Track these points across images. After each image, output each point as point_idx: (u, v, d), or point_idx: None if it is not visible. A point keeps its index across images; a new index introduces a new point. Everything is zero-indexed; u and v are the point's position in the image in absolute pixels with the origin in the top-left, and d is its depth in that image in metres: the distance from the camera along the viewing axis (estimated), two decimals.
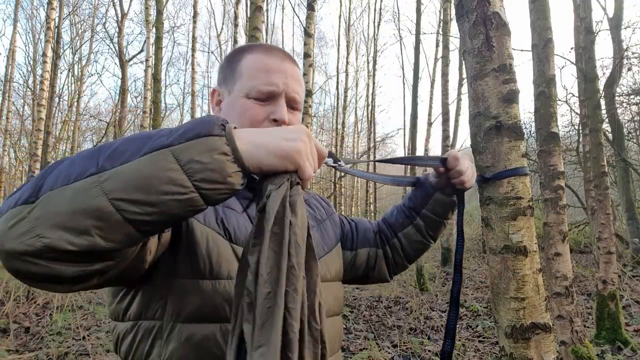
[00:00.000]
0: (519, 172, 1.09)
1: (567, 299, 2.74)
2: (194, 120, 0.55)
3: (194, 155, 0.51)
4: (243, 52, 0.87)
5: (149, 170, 0.49)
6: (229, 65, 0.88)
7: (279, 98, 0.83)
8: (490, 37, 1.12)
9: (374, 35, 15.49)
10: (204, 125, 0.53)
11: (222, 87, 0.88)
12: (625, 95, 8.91)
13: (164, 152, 0.50)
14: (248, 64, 0.84)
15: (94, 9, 16.05)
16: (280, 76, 0.83)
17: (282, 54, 0.87)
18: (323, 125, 20.45)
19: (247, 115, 0.81)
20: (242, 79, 0.83)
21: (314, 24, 5.69)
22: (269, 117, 0.82)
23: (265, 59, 0.84)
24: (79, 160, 0.51)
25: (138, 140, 0.52)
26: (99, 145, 0.54)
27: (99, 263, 0.52)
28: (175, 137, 0.52)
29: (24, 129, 15.11)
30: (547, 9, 2.93)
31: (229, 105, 0.85)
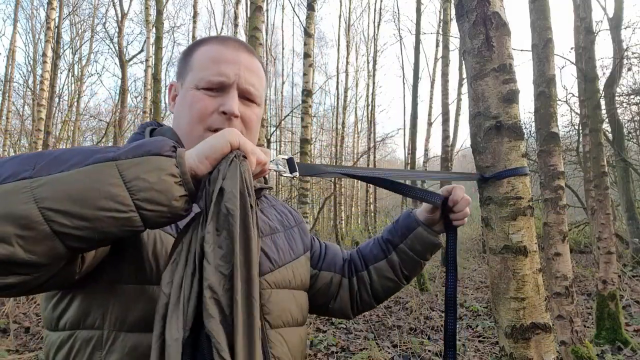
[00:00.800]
0: (519, 172, 1.09)
1: (567, 299, 2.74)
2: (145, 139, 0.54)
3: (140, 173, 0.48)
4: (198, 45, 0.83)
5: (89, 182, 0.46)
6: (184, 59, 0.84)
7: (230, 89, 0.78)
8: (490, 37, 1.12)
9: (374, 35, 15.50)
10: (155, 144, 0.52)
11: (178, 82, 0.84)
12: (625, 95, 8.91)
13: (108, 165, 0.47)
14: (200, 55, 0.81)
15: (94, 9, 16.05)
16: (233, 67, 0.78)
17: (236, 44, 0.82)
18: (323, 125, 20.44)
19: (195, 107, 0.77)
20: (193, 70, 0.80)
21: (314, 24, 5.69)
22: (218, 109, 0.77)
23: (218, 49, 0.80)
24: (14, 161, 0.47)
25: (84, 152, 0.49)
26: (41, 151, 0.50)
27: (14, 276, 0.46)
28: (123, 152, 0.49)
29: (24, 129, 15.10)
30: (547, 9, 2.93)
31: (180, 99, 0.81)
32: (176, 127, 0.81)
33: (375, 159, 14.98)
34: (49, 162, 0.47)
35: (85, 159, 0.48)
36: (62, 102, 16.10)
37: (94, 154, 0.49)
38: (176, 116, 0.82)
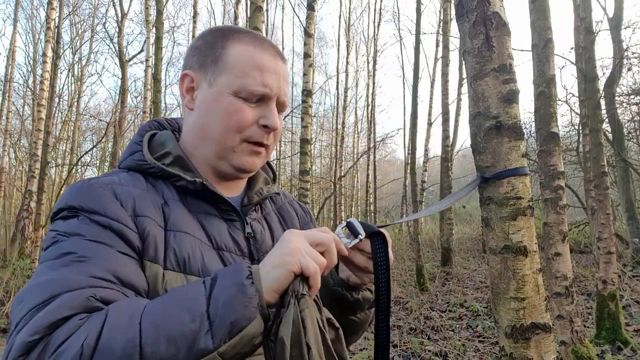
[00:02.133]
0: (519, 172, 1.09)
1: (567, 299, 2.74)
2: (232, 294, 0.52)
3: (238, 349, 0.52)
4: (228, 38, 0.76)
5: None
6: (210, 50, 0.76)
7: (270, 102, 0.75)
8: (490, 37, 1.12)
9: (374, 35, 15.49)
10: (246, 311, 0.52)
11: (199, 74, 0.76)
12: (625, 95, 8.91)
13: (212, 358, 0.50)
14: (238, 55, 0.74)
15: (94, 9, 16.04)
16: (275, 77, 0.75)
17: (274, 51, 0.78)
18: (323, 125, 20.45)
19: (234, 117, 0.73)
20: (230, 72, 0.73)
21: (314, 24, 5.69)
22: (258, 121, 0.74)
23: (258, 54, 0.75)
24: (119, 334, 0.48)
25: (178, 335, 0.49)
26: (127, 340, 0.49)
27: None
28: (220, 335, 0.50)
29: (24, 129, 15.10)
30: (547, 9, 2.94)
31: (210, 100, 0.75)
32: (199, 129, 0.76)
33: (375, 159, 14.98)
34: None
35: (188, 352, 0.49)
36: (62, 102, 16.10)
37: (189, 335, 0.49)
38: (200, 117, 0.76)
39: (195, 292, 0.53)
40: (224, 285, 0.53)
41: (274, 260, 0.57)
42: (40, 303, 0.50)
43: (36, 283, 0.54)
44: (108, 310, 0.51)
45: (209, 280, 0.55)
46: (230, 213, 0.76)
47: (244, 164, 0.76)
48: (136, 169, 0.74)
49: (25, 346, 0.47)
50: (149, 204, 0.68)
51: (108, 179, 0.69)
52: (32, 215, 7.15)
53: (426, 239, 11.93)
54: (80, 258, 0.57)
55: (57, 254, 0.58)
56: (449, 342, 3.98)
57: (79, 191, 0.66)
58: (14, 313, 0.52)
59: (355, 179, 19.32)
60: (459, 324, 4.69)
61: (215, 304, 0.51)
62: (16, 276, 6.07)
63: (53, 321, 0.49)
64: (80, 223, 0.62)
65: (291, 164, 19.51)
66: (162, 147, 0.76)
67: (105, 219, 0.62)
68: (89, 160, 16.86)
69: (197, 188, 0.72)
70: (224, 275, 0.55)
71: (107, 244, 0.61)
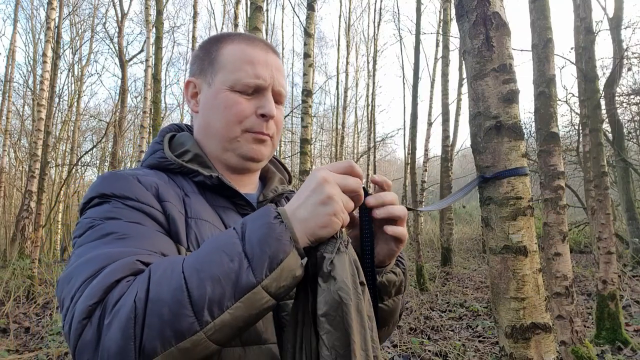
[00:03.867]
0: (519, 172, 1.09)
1: (567, 299, 2.74)
2: (264, 231, 0.55)
3: (281, 283, 0.55)
4: (221, 42, 0.82)
5: (250, 312, 0.53)
6: (207, 55, 0.82)
7: (266, 92, 0.80)
8: (490, 37, 1.12)
9: (374, 35, 15.49)
10: (280, 245, 0.55)
11: (200, 79, 0.83)
12: (625, 95, 8.91)
13: (257, 292, 0.53)
14: (230, 54, 0.80)
15: (94, 9, 16.05)
16: (267, 68, 0.79)
17: (264, 45, 0.82)
18: (323, 125, 20.44)
19: (233, 110, 0.78)
20: (224, 70, 0.79)
21: (314, 24, 5.69)
22: (256, 111, 0.79)
23: (248, 49, 0.80)
24: (172, 307, 0.50)
25: (221, 275, 0.52)
26: (175, 277, 0.52)
27: None
28: (260, 267, 0.53)
29: (24, 129, 15.11)
30: (547, 8, 2.94)
31: (210, 99, 0.80)
32: (205, 128, 0.82)
33: (375, 159, 14.98)
34: (206, 305, 0.51)
35: (229, 286, 0.52)
36: (62, 102, 16.12)
37: (231, 271, 0.52)
38: (204, 116, 0.81)
39: (229, 237, 0.56)
40: (254, 227, 0.56)
41: (309, 208, 0.58)
42: (91, 275, 0.54)
43: (84, 260, 0.57)
44: (150, 268, 0.54)
45: (238, 225, 0.58)
46: (245, 207, 0.80)
47: (249, 151, 0.80)
48: (157, 166, 0.78)
49: (86, 310, 0.51)
50: (171, 193, 0.72)
51: (132, 171, 0.74)
52: (32, 215, 7.14)
53: (426, 239, 11.93)
54: (121, 236, 0.61)
55: (98, 235, 0.61)
56: (449, 342, 3.98)
57: (109, 180, 0.69)
58: (65, 290, 0.56)
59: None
60: (459, 324, 4.69)
61: (250, 242, 0.54)
62: (16, 276, 6.07)
63: (107, 285, 0.52)
64: (114, 207, 0.66)
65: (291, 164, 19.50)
66: (182, 146, 0.81)
67: (137, 203, 0.67)
68: (89, 160, 16.88)
69: (213, 182, 0.76)
70: (252, 219, 0.58)
71: (143, 223, 0.65)
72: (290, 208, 0.59)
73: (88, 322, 0.50)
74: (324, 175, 0.59)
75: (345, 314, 0.55)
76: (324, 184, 0.59)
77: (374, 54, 15.22)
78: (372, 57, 15.47)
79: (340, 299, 0.55)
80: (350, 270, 0.58)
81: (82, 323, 0.50)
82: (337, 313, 0.55)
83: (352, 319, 0.55)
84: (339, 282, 0.56)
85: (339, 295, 0.55)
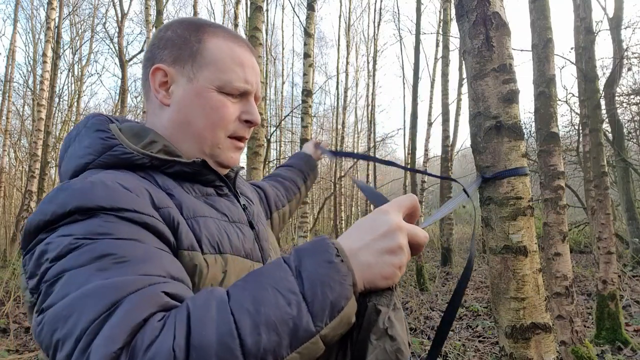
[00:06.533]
0: (519, 172, 1.09)
1: (567, 299, 2.74)
2: (326, 272, 0.48)
3: (337, 331, 0.48)
4: (203, 32, 0.75)
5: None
6: (185, 44, 0.74)
7: (250, 97, 0.77)
8: (490, 37, 1.12)
9: (374, 35, 15.48)
10: (343, 290, 0.48)
11: (174, 69, 0.73)
12: (625, 95, 8.91)
13: (315, 342, 0.46)
14: (218, 50, 0.73)
15: (94, 9, 16.05)
16: (254, 74, 0.76)
17: (247, 45, 0.78)
18: (323, 125, 20.45)
19: (220, 113, 0.73)
20: (212, 68, 0.72)
21: (314, 24, 5.69)
22: (240, 116, 0.75)
23: (237, 49, 0.75)
24: (220, 356, 0.42)
25: (277, 320, 0.44)
26: (229, 326, 0.43)
27: None
28: (321, 317, 0.46)
29: (24, 129, 15.11)
30: (547, 8, 2.94)
31: (191, 95, 0.72)
32: (181, 125, 0.74)
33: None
34: (257, 356, 0.43)
35: (290, 338, 0.44)
36: (62, 102, 16.12)
37: (289, 319, 0.45)
38: (180, 112, 0.73)
39: (282, 273, 0.48)
40: (312, 263, 0.48)
41: (375, 254, 0.52)
42: (104, 311, 0.43)
43: (82, 293, 0.45)
44: (188, 304, 0.45)
45: (290, 259, 0.50)
46: (224, 189, 0.78)
47: (228, 160, 0.77)
48: (119, 164, 0.65)
49: (109, 357, 0.40)
50: (161, 195, 0.63)
51: (103, 176, 0.59)
52: None
53: None
54: (121, 259, 0.49)
55: (87, 258, 0.48)
56: (449, 342, 3.98)
57: (89, 190, 0.55)
58: (61, 331, 0.44)
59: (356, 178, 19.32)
60: (459, 324, 4.69)
61: (310, 283, 0.47)
62: (16, 276, 6.07)
63: (133, 325, 0.42)
64: (104, 222, 0.52)
65: None
66: (141, 138, 0.69)
67: (135, 214, 0.55)
68: None
69: (195, 169, 0.71)
70: (309, 253, 0.50)
71: (143, 241, 0.54)
72: (350, 247, 0.52)
73: None
74: (397, 222, 0.53)
75: None
76: (397, 231, 0.53)
77: (374, 54, 15.22)
78: (372, 57, 15.47)
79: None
80: (406, 329, 0.53)
81: None
82: None
83: None
84: (399, 343, 0.50)
85: (396, 358, 0.50)
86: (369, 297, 0.52)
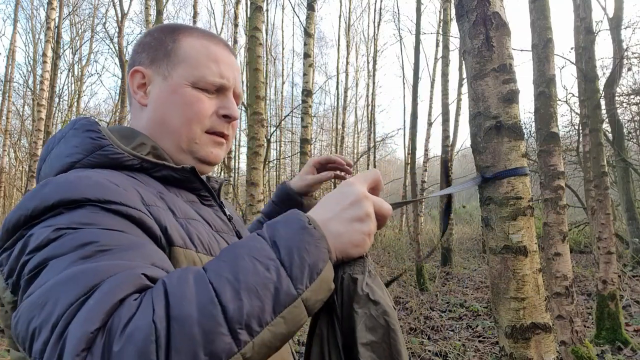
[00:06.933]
0: (519, 172, 1.09)
1: (567, 299, 2.74)
2: (302, 237, 0.49)
3: (318, 296, 0.49)
4: (178, 33, 0.76)
5: (290, 329, 0.46)
6: (160, 45, 0.75)
7: (228, 93, 0.76)
8: (490, 37, 1.12)
9: (374, 35, 15.49)
10: (320, 252, 0.49)
11: (150, 69, 0.75)
12: (625, 95, 8.91)
13: (298, 305, 0.46)
14: (192, 48, 0.74)
15: (94, 9, 16.06)
16: (230, 69, 0.76)
17: (225, 44, 0.79)
18: (323, 125, 20.46)
19: (194, 108, 0.72)
20: (185, 64, 0.73)
21: (314, 24, 5.69)
22: (217, 111, 0.75)
23: (212, 46, 0.76)
24: (204, 326, 0.41)
25: (258, 286, 0.45)
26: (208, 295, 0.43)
27: None
28: (301, 280, 0.47)
29: (24, 129, 15.12)
30: (547, 8, 2.94)
31: (166, 93, 0.73)
32: (158, 124, 0.74)
33: (375, 159, 14.98)
34: (244, 321, 0.43)
35: (269, 298, 0.45)
36: (62, 102, 16.13)
37: (269, 282, 0.45)
38: (157, 111, 0.74)
39: (257, 243, 0.49)
40: (287, 231, 0.49)
41: (345, 223, 0.53)
42: (82, 295, 0.42)
43: (61, 279, 0.44)
44: (164, 280, 0.44)
45: (263, 231, 0.51)
46: (209, 198, 0.77)
47: (208, 155, 0.76)
48: (108, 164, 0.64)
49: (85, 339, 0.39)
50: (150, 194, 0.62)
51: (87, 173, 0.59)
52: None
53: (426, 239, 11.92)
54: (105, 246, 0.48)
55: (71, 246, 0.47)
56: (449, 342, 3.98)
57: (74, 184, 0.54)
58: (37, 319, 0.42)
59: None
60: (459, 324, 4.69)
61: (286, 249, 0.47)
62: None
63: (109, 306, 0.41)
64: (90, 212, 0.51)
65: (291, 164, 19.51)
66: (131, 140, 0.70)
67: (122, 207, 0.54)
68: None
69: (183, 176, 0.70)
70: (283, 223, 0.51)
71: (128, 232, 0.52)
72: (320, 217, 0.53)
73: (88, 354, 0.39)
74: (363, 191, 0.55)
75: (394, 340, 0.50)
76: (364, 200, 0.55)
77: (374, 54, 15.23)
78: (372, 57, 15.48)
79: (388, 325, 0.50)
80: (391, 300, 0.54)
81: (81, 356, 0.38)
82: (383, 340, 0.50)
83: (401, 346, 0.50)
84: (383, 305, 0.51)
85: (385, 321, 0.50)
86: (342, 269, 0.53)
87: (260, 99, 4.06)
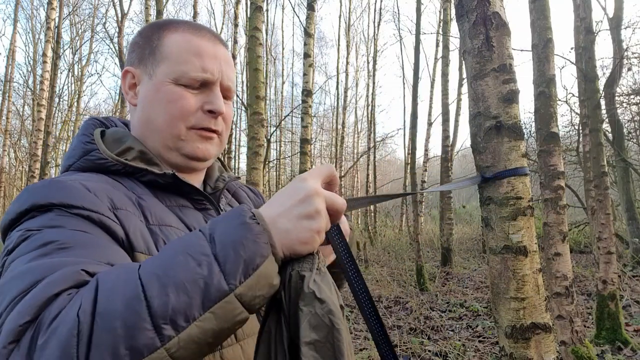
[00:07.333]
0: (519, 172, 1.09)
1: (567, 299, 2.74)
2: (239, 232, 0.48)
3: (256, 292, 0.47)
4: (164, 29, 0.75)
5: (222, 326, 0.45)
6: (147, 43, 0.74)
7: (214, 87, 0.74)
8: (490, 37, 1.12)
9: (374, 35, 15.49)
10: (257, 247, 0.48)
11: (139, 69, 0.75)
12: (625, 95, 8.91)
13: (230, 301, 0.45)
14: (174, 44, 0.73)
15: (94, 9, 16.06)
16: (215, 62, 0.73)
17: (212, 35, 0.76)
18: (323, 125, 20.46)
19: (177, 105, 0.71)
20: (167, 61, 0.72)
21: (314, 24, 5.69)
22: (202, 107, 0.73)
23: (195, 39, 0.73)
24: (127, 320, 0.41)
25: (187, 281, 0.44)
26: (135, 289, 0.43)
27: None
28: (233, 272, 0.46)
29: (24, 129, 15.12)
30: (547, 8, 2.94)
31: (151, 92, 0.73)
32: (145, 123, 0.74)
33: (375, 159, 14.98)
34: (168, 316, 0.42)
35: (199, 295, 0.44)
36: (62, 102, 16.13)
37: (200, 279, 0.44)
38: (144, 110, 0.74)
39: (194, 239, 0.48)
40: (226, 227, 0.49)
41: (293, 219, 0.52)
42: (25, 289, 0.44)
43: (15, 275, 0.47)
44: (98, 277, 0.44)
45: (206, 227, 0.50)
46: (203, 202, 0.75)
47: (195, 150, 0.74)
48: (95, 168, 0.68)
49: (14, 332, 0.40)
50: (124, 199, 0.64)
51: (71, 177, 0.63)
52: None
53: (426, 239, 11.93)
54: (63, 245, 0.50)
55: (34, 245, 0.50)
56: (449, 342, 3.98)
57: (45, 189, 0.58)
58: None
59: (356, 179, 19.34)
60: (459, 324, 4.69)
61: (222, 244, 0.47)
62: None
63: (43, 300, 0.42)
64: (56, 215, 0.55)
65: (291, 164, 19.52)
66: (119, 143, 0.72)
67: (84, 211, 0.57)
68: None
69: (166, 181, 0.70)
70: (224, 219, 0.50)
71: (90, 233, 0.55)
72: (269, 214, 0.52)
73: (15, 346, 0.39)
74: (315, 188, 0.54)
75: (338, 340, 0.49)
76: (314, 196, 0.53)
77: (374, 54, 15.23)
78: (372, 57, 15.48)
79: (332, 324, 0.49)
80: (339, 299, 0.52)
81: (8, 348, 0.39)
82: (327, 340, 0.49)
83: (344, 346, 0.49)
84: (329, 304, 0.50)
85: (329, 320, 0.49)
86: (291, 266, 0.52)
87: (260, 99, 4.06)
